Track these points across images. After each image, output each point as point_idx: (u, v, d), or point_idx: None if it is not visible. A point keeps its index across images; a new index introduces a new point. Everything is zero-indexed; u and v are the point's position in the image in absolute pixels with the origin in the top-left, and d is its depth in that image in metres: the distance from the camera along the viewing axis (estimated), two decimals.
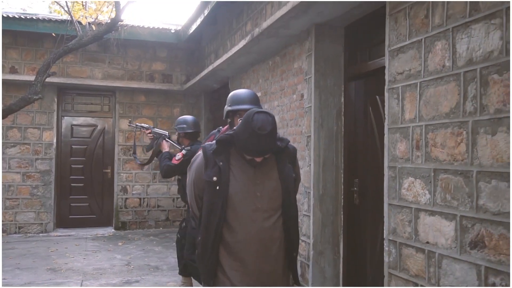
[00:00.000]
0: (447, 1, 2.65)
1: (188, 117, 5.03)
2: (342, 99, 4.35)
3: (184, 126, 4.89)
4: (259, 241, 2.24)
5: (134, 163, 8.71)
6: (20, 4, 13.38)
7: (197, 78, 7.73)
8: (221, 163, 2.23)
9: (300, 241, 3.33)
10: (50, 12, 10.23)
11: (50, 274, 5.50)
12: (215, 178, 2.21)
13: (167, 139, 5.01)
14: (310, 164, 4.33)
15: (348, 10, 3.90)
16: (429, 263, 2.78)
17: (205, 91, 8.76)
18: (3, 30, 7.54)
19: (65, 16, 7.57)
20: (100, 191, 8.90)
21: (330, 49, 4.33)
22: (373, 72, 3.92)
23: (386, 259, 3.19)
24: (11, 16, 7.69)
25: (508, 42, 2.25)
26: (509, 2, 2.25)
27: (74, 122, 8.82)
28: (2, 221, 8.02)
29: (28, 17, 7.82)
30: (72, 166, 8.73)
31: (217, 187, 2.21)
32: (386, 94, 3.22)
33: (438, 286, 2.69)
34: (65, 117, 8.77)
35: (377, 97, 3.84)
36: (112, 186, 8.87)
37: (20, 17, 7.74)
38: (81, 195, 8.75)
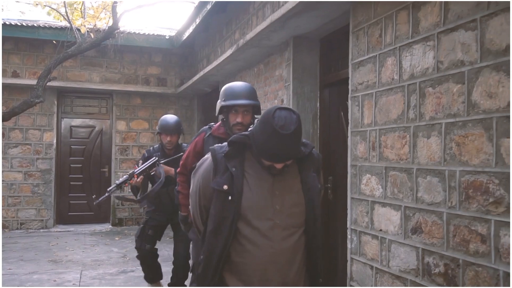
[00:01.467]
0: (396, 24, 3.11)
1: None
2: (318, 104, 4.80)
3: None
4: (275, 264, 1.88)
5: (131, 165, 9.15)
6: (19, 7, 13.76)
7: (190, 82, 8.17)
8: (233, 169, 1.88)
9: None
10: (48, 14, 10.66)
11: (52, 265, 5.95)
12: (226, 187, 1.86)
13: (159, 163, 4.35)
14: None
15: (321, 25, 4.35)
16: (381, 247, 3.23)
17: (198, 94, 9.21)
18: (5, 37, 7.99)
19: (65, 23, 8.01)
20: (98, 189, 9.33)
21: (307, 59, 4.79)
22: (344, 81, 4.35)
23: (349, 245, 3.65)
24: (13, 23, 8.13)
25: (441, 61, 2.70)
26: (441, 27, 2.70)
27: (73, 124, 9.26)
28: (5, 217, 8.46)
29: (29, 24, 8.26)
30: (71, 165, 9.17)
31: (228, 198, 1.85)
32: (349, 102, 3.67)
33: (388, 267, 3.14)
34: (65, 119, 9.20)
35: (347, 103, 4.29)
36: (109, 185, 9.29)
37: (21, 24, 8.18)
38: (80, 193, 9.19)
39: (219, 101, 2.80)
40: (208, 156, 2.03)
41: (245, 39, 5.03)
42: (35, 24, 8.35)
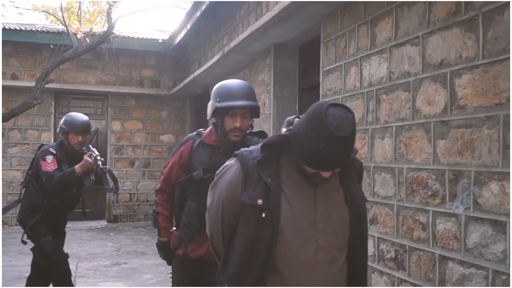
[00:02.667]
0: (358, 36, 3.48)
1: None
2: (297, 107, 5.16)
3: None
4: None
5: (126, 164, 9.51)
6: (17, 9, 14.06)
7: (182, 84, 8.53)
8: (269, 179, 1.55)
9: None
10: (46, 17, 10.98)
11: None
12: (260, 201, 1.53)
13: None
14: None
15: (298, 34, 4.71)
16: None
17: (190, 95, 9.56)
18: (5, 40, 8.33)
19: (62, 27, 8.36)
20: (93, 187, 9.67)
21: (286, 65, 5.15)
22: (319, 86, 4.74)
23: None
24: (12, 28, 8.47)
25: (393, 71, 3.07)
26: (392, 42, 3.07)
27: None
28: (5, 214, 8.80)
29: (27, 29, 8.60)
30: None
31: (263, 215, 1.52)
32: None
33: None
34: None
35: None
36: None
37: (20, 29, 8.52)
38: None
39: (211, 102, 2.37)
40: (232, 163, 1.67)
41: (230, 46, 5.39)
42: (33, 29, 8.69)
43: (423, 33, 2.77)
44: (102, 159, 3.90)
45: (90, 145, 4.05)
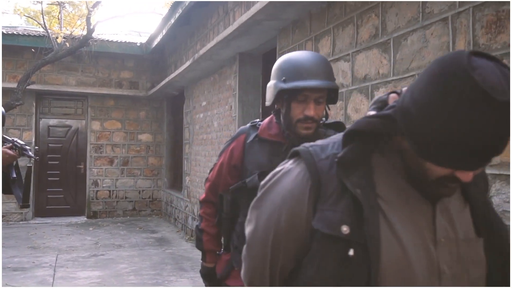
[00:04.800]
0: (305, 50, 3.96)
1: None
2: (260, 111, 5.65)
3: None
4: None
5: (105, 162, 9.91)
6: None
7: (159, 86, 8.95)
8: (358, 191, 0.92)
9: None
10: (27, 21, 11.31)
11: (31, 250, 6.69)
12: (346, 229, 0.91)
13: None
14: None
15: (260, 45, 5.19)
16: None
17: (167, 97, 9.98)
18: None
19: (42, 30, 8.71)
20: (74, 184, 10.05)
21: (251, 71, 5.63)
22: None
23: None
24: None
25: None
26: (331, 57, 3.56)
27: (51, 123, 9.96)
28: None
29: (9, 32, 8.93)
30: (49, 162, 9.86)
31: (350, 252, 0.90)
32: None
33: None
34: (43, 119, 9.89)
35: None
36: (84, 180, 10.03)
37: (2, 32, 8.85)
38: (57, 187, 9.89)
39: (273, 82, 1.81)
40: (291, 166, 1.03)
41: (199, 53, 5.85)
42: (15, 32, 9.03)
43: (352, 51, 3.27)
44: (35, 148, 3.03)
45: (5, 135, 3.04)
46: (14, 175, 2.95)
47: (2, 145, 2.90)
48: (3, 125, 3.03)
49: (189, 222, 7.85)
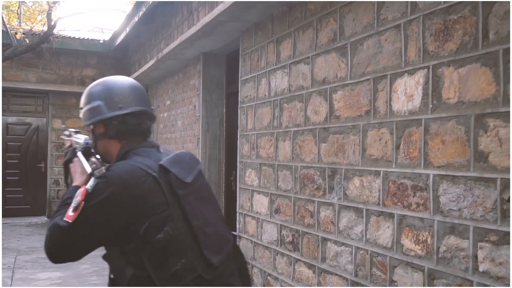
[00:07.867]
0: (267, 52, 4.03)
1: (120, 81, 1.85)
2: (224, 110, 5.69)
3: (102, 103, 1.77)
4: None
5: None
6: None
7: None
8: None
9: None
10: None
11: None
12: None
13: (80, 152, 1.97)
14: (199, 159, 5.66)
15: (224, 45, 5.22)
16: (257, 225, 4.16)
17: None
18: None
19: (0, 24, 8.47)
20: (34, 183, 9.82)
21: (214, 71, 5.66)
22: None
23: (237, 226, 4.56)
24: None
25: (291, 84, 3.64)
26: (291, 60, 3.63)
27: (9, 121, 9.69)
28: None
29: None
30: (8, 161, 9.60)
31: None
32: (239, 111, 4.58)
33: (261, 240, 4.07)
34: (1, 117, 9.61)
35: None
36: (45, 179, 9.81)
37: None
38: (16, 187, 9.64)
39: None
40: None
41: (163, 52, 5.84)
42: None
43: (312, 54, 3.36)
44: None
45: None
46: None
47: None
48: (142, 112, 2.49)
49: None
